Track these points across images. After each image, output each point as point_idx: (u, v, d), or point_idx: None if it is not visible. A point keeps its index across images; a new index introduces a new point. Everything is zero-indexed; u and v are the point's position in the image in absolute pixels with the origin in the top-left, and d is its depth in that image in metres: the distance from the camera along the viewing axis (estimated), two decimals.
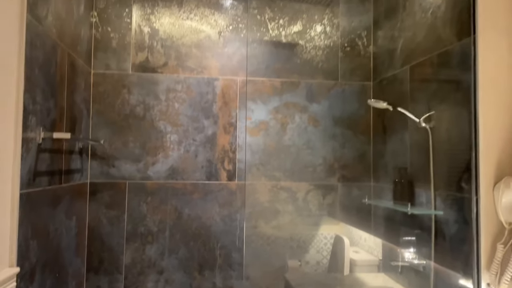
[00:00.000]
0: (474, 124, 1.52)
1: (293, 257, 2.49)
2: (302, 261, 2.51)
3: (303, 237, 2.48)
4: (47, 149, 1.58)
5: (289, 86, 2.42)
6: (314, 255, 2.50)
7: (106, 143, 2.20)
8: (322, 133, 2.44)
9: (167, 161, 2.26)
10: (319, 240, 2.50)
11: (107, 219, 2.19)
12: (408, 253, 1.99)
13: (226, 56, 2.35)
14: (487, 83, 1.50)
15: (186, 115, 2.29)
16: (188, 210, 2.26)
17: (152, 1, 2.30)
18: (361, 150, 2.46)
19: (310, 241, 2.48)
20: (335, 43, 2.45)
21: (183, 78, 2.30)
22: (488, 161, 1.49)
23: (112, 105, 2.23)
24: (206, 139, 2.31)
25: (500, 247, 1.45)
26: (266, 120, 2.39)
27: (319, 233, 2.49)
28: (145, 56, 2.28)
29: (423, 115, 1.84)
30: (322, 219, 2.46)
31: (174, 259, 2.23)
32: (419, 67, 1.93)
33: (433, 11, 1.81)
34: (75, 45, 1.90)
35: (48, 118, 1.57)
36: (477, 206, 1.50)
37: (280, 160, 2.40)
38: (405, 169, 2.00)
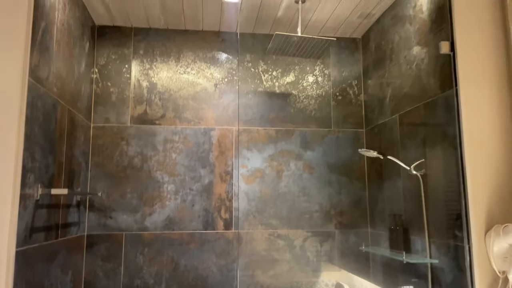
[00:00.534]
0: (461, 172, 1.56)
1: None
2: None
3: (303, 286, 2.45)
4: (45, 204, 1.61)
5: (284, 134, 2.48)
6: None
7: (104, 195, 2.24)
8: (318, 179, 2.47)
9: (164, 211, 2.28)
10: (320, 287, 2.47)
11: (103, 272, 2.18)
12: None
13: (222, 107, 2.43)
14: (471, 132, 1.55)
15: (183, 165, 2.34)
16: (184, 260, 2.26)
17: (150, 56, 2.41)
18: (357, 196, 2.48)
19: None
20: (327, 92, 2.54)
21: (180, 129, 2.37)
22: (478, 209, 1.52)
23: (110, 157, 2.28)
24: (202, 188, 2.34)
25: None
26: (261, 168, 2.44)
27: (320, 280, 2.46)
28: (144, 109, 2.36)
29: (414, 163, 1.88)
30: (321, 266, 2.44)
31: None
32: (407, 116, 1.99)
33: (417, 63, 1.90)
34: (75, 101, 1.98)
35: (47, 174, 1.62)
36: (470, 254, 1.51)
37: (276, 207, 2.42)
38: (399, 216, 2.01)
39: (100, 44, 2.37)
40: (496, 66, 1.61)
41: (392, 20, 2.15)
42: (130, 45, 2.40)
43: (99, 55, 2.36)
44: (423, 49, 1.85)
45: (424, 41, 1.84)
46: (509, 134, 1.58)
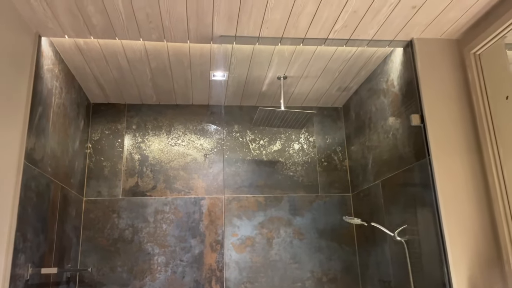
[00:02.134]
0: (441, 238, 1.61)
1: None
2: None
3: None
4: (34, 284, 1.62)
5: (273, 201, 2.53)
6: None
7: (94, 270, 2.23)
8: (308, 246, 2.49)
9: (154, 284, 2.27)
10: None
11: None
12: None
13: (212, 176, 2.51)
14: (446, 199, 1.63)
15: (173, 236, 2.37)
16: None
17: (143, 130, 2.53)
18: (348, 262, 2.49)
19: None
20: (313, 159, 2.64)
21: (171, 199, 2.43)
22: (460, 275, 1.55)
23: (101, 230, 2.31)
24: (193, 258, 2.35)
25: None
26: (252, 236, 2.46)
27: None
28: (135, 181, 2.43)
29: (397, 229, 1.93)
30: None
31: None
32: (388, 182, 2.07)
33: (393, 133, 2.01)
34: (68, 178, 2.05)
35: (38, 253, 1.64)
36: None
37: (268, 276, 2.41)
38: (388, 282, 2.02)
39: (94, 120, 2.49)
40: (464, 136, 1.73)
41: (368, 92, 2.30)
42: (123, 121, 2.52)
43: (93, 131, 2.47)
44: (397, 120, 1.98)
45: (398, 113, 1.97)
46: (483, 199, 1.65)
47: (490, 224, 1.62)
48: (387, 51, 2.03)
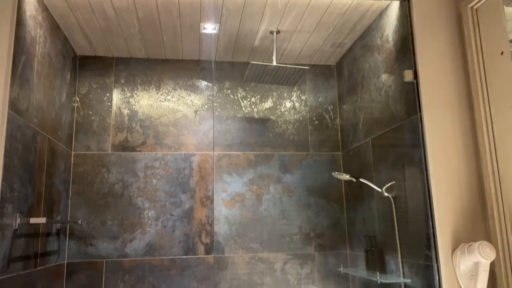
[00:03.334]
0: (428, 194, 1.63)
1: None
2: None
3: None
4: (23, 234, 1.62)
5: (263, 158, 2.54)
6: None
7: (84, 223, 2.25)
8: (297, 202, 2.52)
9: (144, 237, 2.30)
10: None
11: None
12: None
13: (202, 133, 2.49)
14: (435, 155, 1.63)
15: (163, 191, 2.37)
16: (165, 287, 2.26)
17: (131, 85, 2.47)
18: (336, 218, 2.53)
19: None
20: (304, 117, 2.62)
21: (161, 155, 2.41)
22: (444, 229, 1.58)
23: (91, 184, 2.31)
24: (183, 213, 2.37)
25: None
26: (242, 192, 2.48)
27: None
28: (124, 136, 2.40)
29: (385, 185, 1.95)
30: None
31: None
32: (378, 139, 2.08)
33: (386, 90, 2.00)
34: (56, 130, 2.02)
35: (26, 204, 1.64)
36: (439, 273, 1.57)
37: (257, 231, 2.45)
38: (374, 237, 2.06)
39: (81, 73, 2.42)
40: (456, 92, 1.71)
41: (362, 49, 2.26)
42: (111, 75, 2.46)
43: (80, 84, 2.42)
44: (390, 76, 1.95)
45: (391, 70, 1.94)
46: (472, 157, 1.66)
47: (477, 180, 1.64)
48: (383, 5, 1.97)
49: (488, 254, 1.42)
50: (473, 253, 1.46)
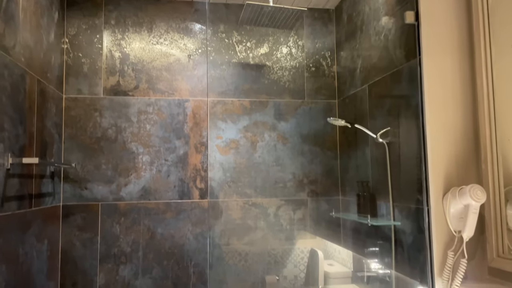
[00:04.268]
0: (422, 139, 1.63)
1: (271, 272, 2.54)
2: (280, 276, 2.56)
3: (280, 253, 2.54)
4: (16, 174, 1.62)
5: (258, 105, 2.51)
6: (291, 270, 2.56)
7: (78, 166, 2.25)
8: (291, 150, 2.53)
9: (139, 181, 2.31)
10: (296, 254, 2.57)
11: (80, 242, 2.21)
12: (374, 263, 2.07)
13: (196, 78, 2.44)
14: (432, 101, 1.61)
15: (157, 136, 2.36)
16: (161, 229, 2.31)
17: (122, 27, 2.38)
18: (329, 166, 2.55)
19: (287, 256, 2.54)
20: (301, 64, 2.57)
21: (154, 100, 2.37)
22: (436, 173, 1.60)
23: (84, 128, 2.28)
24: (178, 159, 2.37)
25: (451, 254, 1.54)
26: (236, 139, 2.47)
27: (296, 247, 2.55)
28: (116, 80, 2.35)
29: (380, 131, 1.94)
30: (295, 233, 2.53)
31: (148, 278, 2.27)
32: (375, 86, 2.04)
33: (385, 34, 1.94)
34: (45, 72, 1.96)
35: (17, 144, 1.62)
36: (429, 216, 1.60)
37: (250, 177, 2.47)
38: (367, 183, 2.09)
39: (70, 13, 2.32)
40: (458, 37, 1.66)
41: None
42: (101, 15, 2.36)
43: (69, 25, 2.32)
44: (390, 19, 1.89)
45: (392, 12, 1.87)
46: (469, 101, 1.65)
47: (473, 125, 1.63)
48: None
49: (478, 197, 1.45)
50: (464, 196, 1.48)
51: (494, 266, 1.49)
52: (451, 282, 1.53)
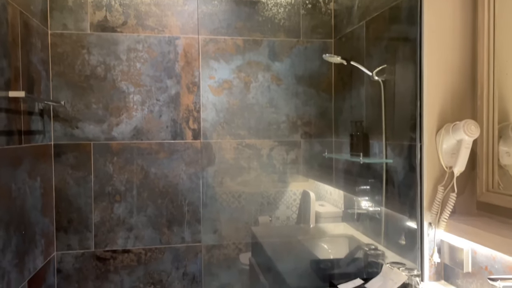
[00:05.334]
0: (419, 75, 1.60)
1: (264, 214, 2.59)
2: (273, 217, 2.62)
3: (273, 194, 2.58)
4: (3, 109, 1.58)
5: (252, 44, 2.43)
6: (284, 211, 2.61)
7: (68, 105, 2.20)
8: (285, 91, 2.49)
9: (131, 121, 2.28)
10: (289, 196, 2.61)
11: (73, 180, 2.22)
12: (364, 202, 2.11)
13: (187, 14, 2.34)
14: (431, 37, 1.56)
15: (148, 75, 2.30)
16: (154, 169, 2.31)
17: None
18: (323, 107, 2.53)
19: (279, 198, 2.58)
20: (297, 0, 2.46)
21: (144, 37, 2.29)
22: (431, 110, 1.58)
23: (72, 66, 2.21)
24: (169, 99, 2.33)
25: (441, 189, 1.56)
26: (229, 79, 2.42)
27: (288, 190, 2.59)
28: (103, 15, 2.24)
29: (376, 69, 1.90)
30: (288, 175, 2.55)
31: (143, 216, 2.30)
32: (373, 22, 1.97)
33: None
34: (27, 3, 1.86)
35: (2, 77, 1.56)
36: (421, 152, 1.60)
37: (244, 118, 2.45)
38: (360, 122, 2.08)
39: None
40: None
41: None
42: None
43: None
44: None
45: None
46: (469, 35, 1.60)
47: (471, 61, 1.60)
48: None
49: (472, 132, 1.44)
50: (457, 131, 1.48)
51: (483, 200, 1.52)
52: (439, 216, 1.56)
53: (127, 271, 2.28)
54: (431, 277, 1.61)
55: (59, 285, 2.20)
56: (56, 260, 2.21)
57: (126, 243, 2.28)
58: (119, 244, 2.27)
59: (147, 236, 2.31)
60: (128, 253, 2.28)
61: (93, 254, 2.24)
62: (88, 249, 2.24)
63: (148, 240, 2.31)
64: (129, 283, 2.28)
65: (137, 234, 2.30)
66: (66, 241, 2.22)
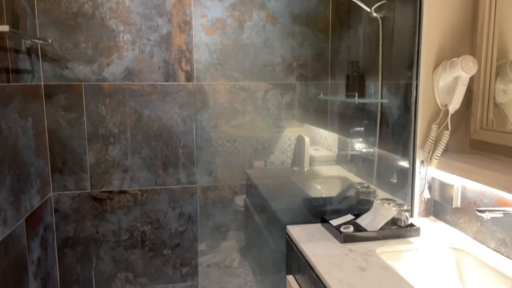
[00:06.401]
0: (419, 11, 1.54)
1: (258, 159, 2.61)
2: (268, 162, 2.64)
3: (268, 140, 2.58)
4: None
5: None
6: (279, 156, 2.62)
7: (56, 44, 2.13)
8: (281, 31, 2.41)
9: (122, 62, 2.22)
10: (283, 141, 2.61)
11: (66, 122, 2.20)
12: (358, 144, 2.12)
13: None
14: None
15: (138, 13, 2.21)
16: (147, 111, 2.29)
17: None
18: (320, 48, 2.46)
19: (274, 143, 2.58)
20: None
21: None
22: (430, 47, 1.54)
23: (58, 2, 2.11)
24: (161, 38, 2.25)
25: (435, 127, 1.56)
26: (222, 18, 2.33)
27: (283, 135, 2.58)
28: None
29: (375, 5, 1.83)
30: (283, 119, 2.54)
31: (138, 158, 2.31)
32: None
33: None
34: None
35: None
36: (417, 90, 1.59)
37: (238, 60, 2.39)
38: (357, 63, 2.04)
39: None
40: None
41: None
42: None
43: None
44: None
45: None
46: None
47: None
48: None
49: (469, 68, 1.42)
50: (454, 68, 1.45)
51: (476, 138, 1.52)
52: (431, 154, 1.57)
53: (124, 211, 2.32)
54: (420, 213, 1.66)
55: (57, 224, 2.25)
56: (53, 200, 2.24)
57: (122, 184, 2.30)
58: (115, 185, 2.30)
59: (142, 177, 2.33)
60: (124, 193, 2.31)
61: (89, 195, 2.27)
62: (84, 190, 2.26)
63: (144, 182, 2.33)
64: (126, 223, 2.33)
65: (132, 176, 2.31)
66: (62, 182, 2.24)
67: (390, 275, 1.16)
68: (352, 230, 1.45)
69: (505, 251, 1.29)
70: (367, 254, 1.32)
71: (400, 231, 1.47)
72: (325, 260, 1.28)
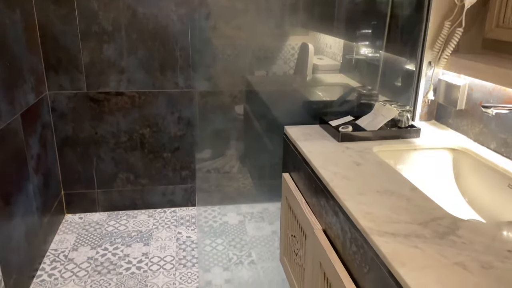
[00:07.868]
0: None
1: (260, 69, 2.51)
2: (269, 71, 2.55)
3: (270, 48, 2.45)
4: None
5: None
6: (281, 66, 2.52)
7: None
8: None
9: None
10: (287, 51, 2.49)
11: (57, 17, 2.08)
12: (364, 48, 2.01)
13: None
14: None
15: None
16: (142, 8, 2.15)
17: None
18: None
19: (277, 53, 2.46)
20: None
21: None
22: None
23: None
24: None
25: (447, 24, 1.45)
26: None
27: (287, 43, 2.46)
28: None
29: None
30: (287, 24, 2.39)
31: (134, 59, 2.23)
32: None
33: None
34: None
35: None
36: None
37: None
38: None
39: None
40: None
41: None
42: None
43: None
44: None
45: None
46: None
47: None
48: None
49: None
50: None
51: (490, 37, 1.42)
52: (441, 53, 1.49)
53: (122, 113, 2.30)
54: (422, 116, 1.62)
55: (56, 124, 2.24)
56: (49, 99, 2.20)
57: (118, 85, 2.25)
58: (111, 86, 2.24)
59: (139, 79, 2.26)
60: (122, 95, 2.27)
61: (86, 95, 2.23)
62: (80, 90, 2.22)
63: (141, 84, 2.27)
64: (125, 124, 2.32)
65: (129, 77, 2.25)
66: (57, 81, 2.18)
67: (384, 169, 1.16)
68: (350, 130, 1.42)
69: (505, 151, 1.27)
70: (364, 152, 1.31)
71: (399, 132, 1.44)
72: (321, 156, 1.27)
